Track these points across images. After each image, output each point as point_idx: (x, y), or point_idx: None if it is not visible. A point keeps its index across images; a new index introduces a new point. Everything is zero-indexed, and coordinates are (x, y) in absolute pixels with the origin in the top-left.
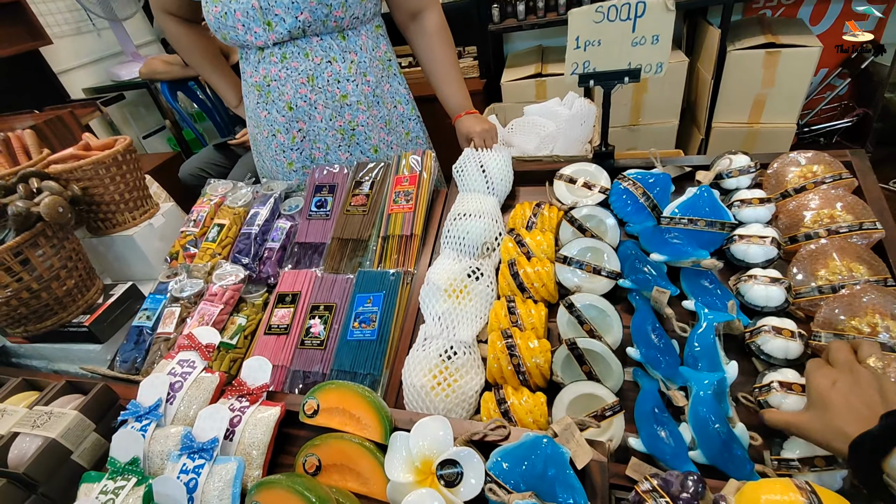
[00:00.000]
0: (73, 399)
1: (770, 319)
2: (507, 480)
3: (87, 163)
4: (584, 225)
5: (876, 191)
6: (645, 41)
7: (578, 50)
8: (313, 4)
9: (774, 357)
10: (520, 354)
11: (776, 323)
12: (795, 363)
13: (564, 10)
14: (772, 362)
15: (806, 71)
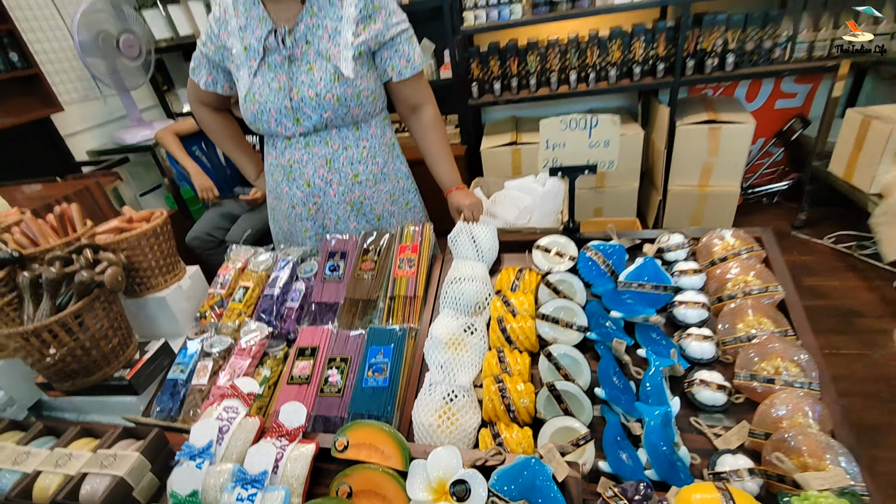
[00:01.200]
0: (128, 444)
1: (702, 373)
2: (505, 494)
3: (132, 235)
4: (557, 287)
5: (779, 260)
6: (599, 144)
7: (549, 150)
8: (335, 105)
9: (702, 403)
10: (510, 396)
11: (706, 376)
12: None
13: (535, 89)
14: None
15: (743, 143)
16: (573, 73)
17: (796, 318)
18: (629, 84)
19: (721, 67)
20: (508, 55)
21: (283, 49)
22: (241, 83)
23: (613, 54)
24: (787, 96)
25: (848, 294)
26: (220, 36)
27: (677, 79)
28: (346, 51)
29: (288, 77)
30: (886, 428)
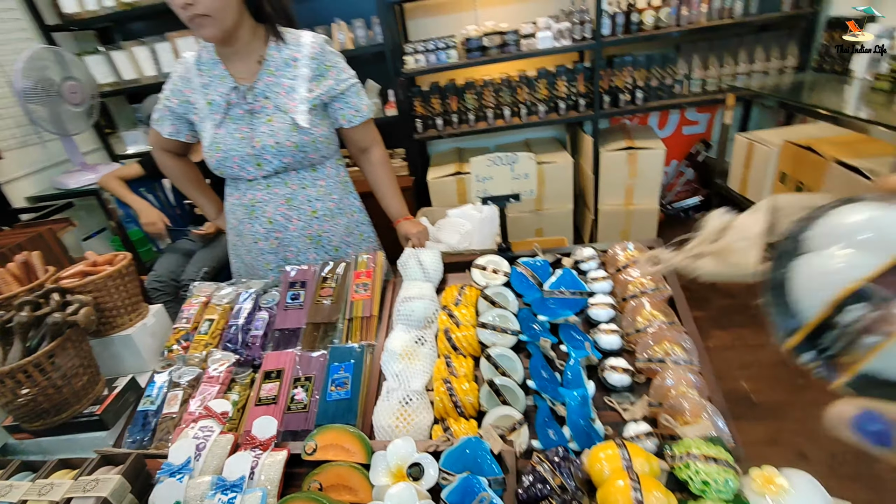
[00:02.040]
0: (108, 470)
1: (611, 360)
2: (452, 469)
3: (99, 278)
4: (494, 299)
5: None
6: (520, 177)
7: (479, 182)
8: (294, 151)
9: (613, 385)
10: (457, 394)
11: (614, 363)
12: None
13: (474, 123)
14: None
15: (657, 166)
16: (507, 109)
17: (681, 311)
18: (556, 118)
19: (633, 101)
20: (448, 94)
21: (245, 104)
22: (206, 133)
23: (541, 92)
24: (692, 123)
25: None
26: (183, 92)
27: (597, 112)
28: (301, 105)
29: (250, 128)
30: (789, 404)
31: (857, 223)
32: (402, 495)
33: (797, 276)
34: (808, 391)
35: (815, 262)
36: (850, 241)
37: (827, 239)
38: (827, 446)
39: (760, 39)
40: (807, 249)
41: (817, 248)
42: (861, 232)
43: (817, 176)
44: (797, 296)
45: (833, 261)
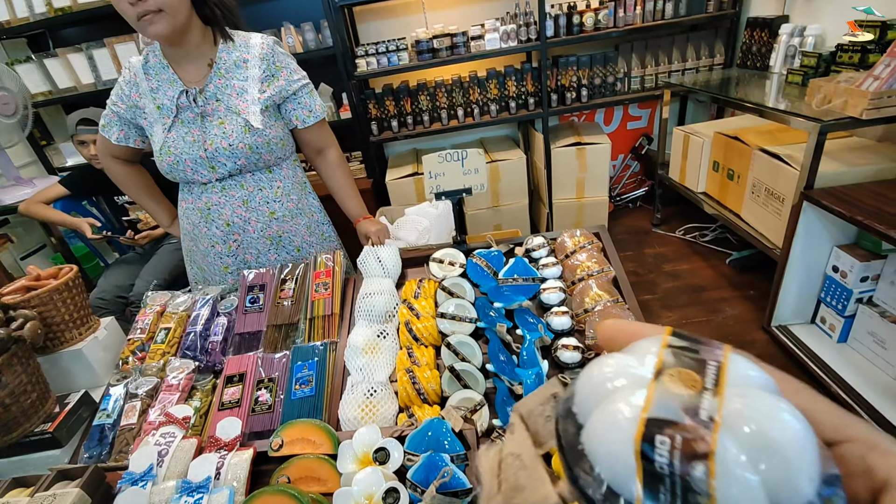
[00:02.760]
0: (65, 485)
1: (563, 340)
2: (417, 450)
3: (44, 291)
4: (452, 290)
5: (611, 247)
6: (471, 172)
7: (432, 179)
8: (248, 153)
9: (565, 362)
10: (420, 382)
11: (566, 342)
12: (578, 365)
13: (429, 124)
14: (563, 365)
15: (604, 159)
16: (460, 110)
17: (624, 290)
18: (508, 116)
19: (579, 99)
20: (402, 95)
21: (196, 107)
22: (156, 138)
23: (492, 92)
24: (635, 119)
25: (695, 273)
26: (131, 96)
27: (546, 110)
28: (253, 106)
29: (201, 131)
30: None
31: (606, 374)
32: (370, 479)
33: (594, 450)
34: None
35: (597, 426)
36: (610, 389)
37: (592, 400)
38: None
39: (691, 39)
40: (583, 421)
41: (590, 413)
42: (613, 379)
43: (744, 162)
44: (608, 473)
45: (610, 414)
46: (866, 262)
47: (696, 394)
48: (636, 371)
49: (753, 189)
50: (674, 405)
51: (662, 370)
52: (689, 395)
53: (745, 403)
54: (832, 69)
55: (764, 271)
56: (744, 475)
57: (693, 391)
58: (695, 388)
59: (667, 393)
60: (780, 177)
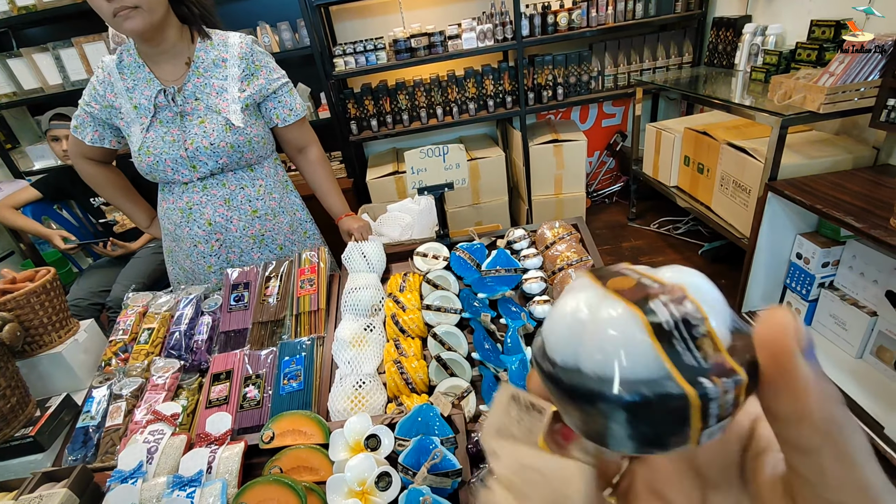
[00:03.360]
0: (51, 486)
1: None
2: (408, 436)
3: (20, 294)
4: (436, 283)
5: (589, 238)
6: (452, 167)
7: (414, 174)
8: (230, 152)
9: None
10: (407, 372)
11: None
12: None
13: (409, 123)
14: None
15: (581, 156)
16: (439, 108)
17: None
18: (486, 114)
19: (555, 97)
20: (380, 95)
21: (175, 106)
22: (134, 138)
23: (470, 90)
24: (609, 116)
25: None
26: (105, 96)
27: (523, 108)
28: (234, 104)
29: (181, 130)
30: None
31: (572, 307)
32: (362, 465)
33: (604, 358)
34: None
35: (592, 343)
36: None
37: (575, 328)
38: None
39: (661, 38)
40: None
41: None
42: (578, 310)
43: (713, 156)
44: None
45: (606, 321)
46: (827, 249)
47: (636, 282)
48: (588, 298)
49: (722, 182)
50: (637, 291)
51: (605, 286)
52: (634, 284)
53: (672, 275)
54: (792, 66)
55: (734, 261)
56: (713, 295)
57: (633, 283)
58: (633, 281)
59: (623, 289)
60: (747, 169)
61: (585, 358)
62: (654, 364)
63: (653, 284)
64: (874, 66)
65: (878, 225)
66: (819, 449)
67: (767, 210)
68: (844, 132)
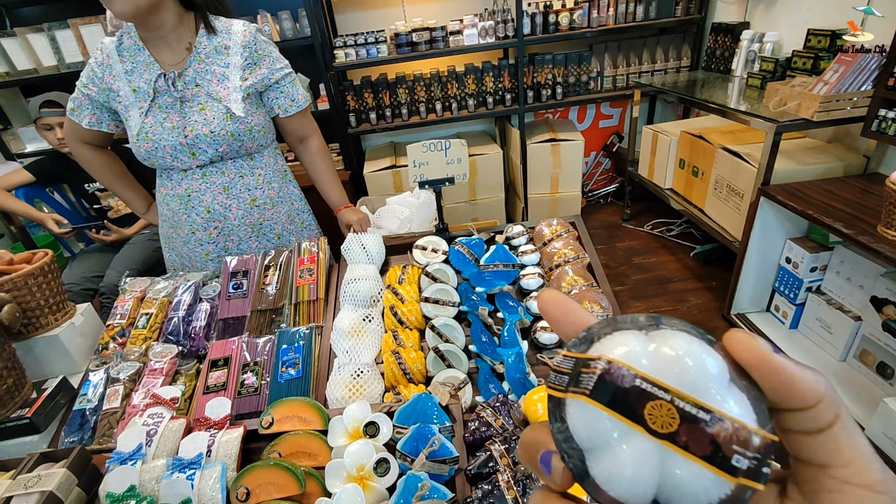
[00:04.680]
0: (48, 467)
1: (542, 322)
2: (406, 424)
3: (18, 275)
4: (435, 276)
5: (586, 235)
6: (453, 162)
7: (416, 168)
8: (230, 140)
9: (543, 343)
10: (405, 363)
11: (544, 324)
12: (556, 345)
13: (407, 117)
14: (542, 346)
15: (577, 156)
16: (438, 104)
17: (598, 275)
18: (485, 111)
19: (554, 96)
20: (380, 88)
21: (175, 91)
22: (132, 123)
23: (470, 87)
24: (607, 117)
25: (663, 266)
26: (104, 79)
27: (522, 106)
28: (235, 93)
29: (181, 116)
30: None
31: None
32: (361, 451)
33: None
34: None
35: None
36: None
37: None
38: None
39: (660, 41)
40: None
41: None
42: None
43: (708, 160)
44: None
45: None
46: (815, 254)
47: (679, 418)
48: (651, 454)
49: (716, 185)
50: (699, 438)
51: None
52: (680, 421)
53: (693, 364)
54: (788, 73)
55: (725, 263)
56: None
57: (678, 419)
58: (677, 417)
59: (676, 433)
60: (741, 174)
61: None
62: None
63: (706, 417)
64: (867, 76)
65: (866, 231)
66: (833, 423)
67: (759, 214)
68: (837, 140)
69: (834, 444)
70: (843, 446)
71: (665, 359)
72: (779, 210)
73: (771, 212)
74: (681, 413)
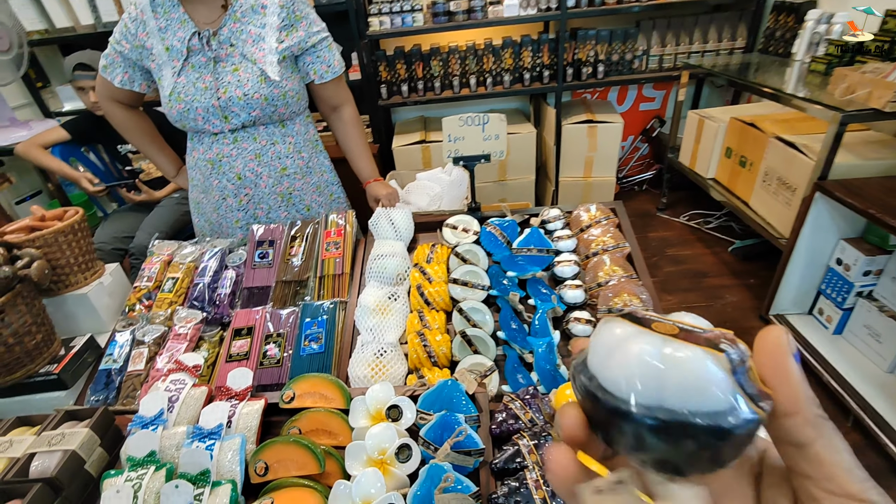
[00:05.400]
0: (72, 426)
1: (575, 313)
2: (430, 410)
3: (48, 232)
4: (465, 257)
5: (627, 224)
6: (491, 138)
7: (451, 143)
8: (263, 104)
9: (576, 335)
10: (430, 345)
11: (578, 315)
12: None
13: (440, 91)
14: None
15: (615, 139)
16: (473, 78)
17: (639, 266)
18: (521, 88)
19: (594, 75)
20: (413, 59)
21: (209, 51)
22: (164, 82)
23: (506, 61)
24: (648, 100)
25: (698, 260)
26: (137, 35)
27: (560, 84)
28: (270, 55)
29: (214, 77)
30: None
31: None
32: (384, 434)
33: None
34: None
35: (675, 375)
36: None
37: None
38: None
39: (714, 20)
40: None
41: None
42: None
43: (758, 150)
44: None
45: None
46: (871, 257)
47: (679, 329)
48: (651, 342)
49: (765, 177)
50: (695, 336)
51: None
52: (680, 330)
53: (692, 320)
54: (857, 59)
55: (766, 260)
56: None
57: (677, 329)
58: (676, 328)
59: (677, 334)
60: (794, 166)
61: (670, 397)
62: (730, 395)
63: (699, 330)
64: None
65: None
66: (814, 440)
67: (812, 211)
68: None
69: (816, 458)
70: (824, 461)
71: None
72: (834, 207)
73: (825, 209)
74: (680, 328)
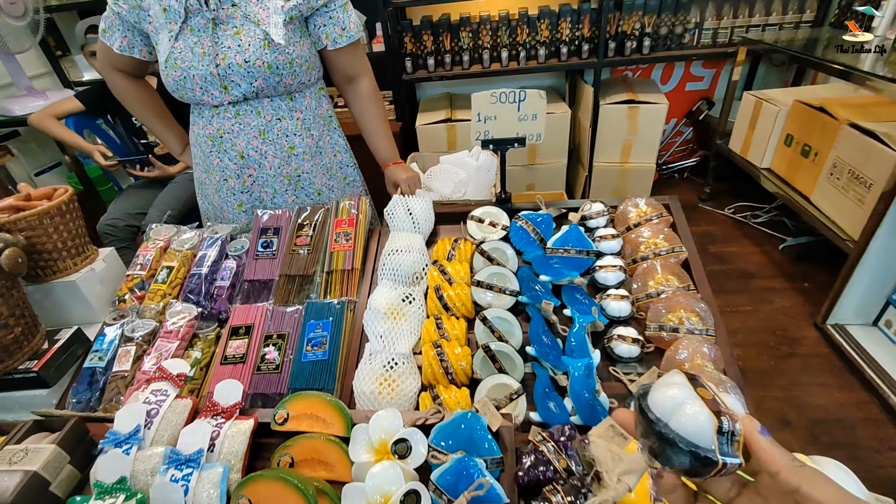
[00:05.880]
0: (42, 437)
1: (619, 329)
2: (445, 447)
3: (31, 214)
4: (491, 255)
5: (684, 225)
6: (527, 118)
7: (480, 122)
8: (266, 73)
9: (619, 355)
10: (448, 359)
11: (622, 331)
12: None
13: (468, 65)
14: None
15: (658, 122)
16: (504, 51)
17: (697, 275)
18: (557, 63)
19: (639, 50)
20: (441, 30)
21: (207, 11)
22: (161, 47)
23: (542, 33)
24: (696, 79)
25: (744, 258)
26: None
27: (601, 60)
28: (275, 16)
29: (213, 42)
30: (773, 372)
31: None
32: (387, 475)
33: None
34: (793, 359)
35: (683, 420)
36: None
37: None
38: (809, 413)
39: None
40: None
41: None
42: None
43: (826, 139)
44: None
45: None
46: None
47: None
48: (686, 395)
49: (833, 170)
50: (714, 404)
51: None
52: (712, 398)
53: (730, 401)
54: None
55: (823, 262)
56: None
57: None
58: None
59: (707, 399)
60: (872, 158)
61: (675, 423)
62: (710, 443)
63: (723, 406)
64: None
65: None
66: (799, 484)
67: (892, 211)
68: None
69: (805, 497)
70: (811, 497)
71: None
72: None
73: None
74: (713, 397)
